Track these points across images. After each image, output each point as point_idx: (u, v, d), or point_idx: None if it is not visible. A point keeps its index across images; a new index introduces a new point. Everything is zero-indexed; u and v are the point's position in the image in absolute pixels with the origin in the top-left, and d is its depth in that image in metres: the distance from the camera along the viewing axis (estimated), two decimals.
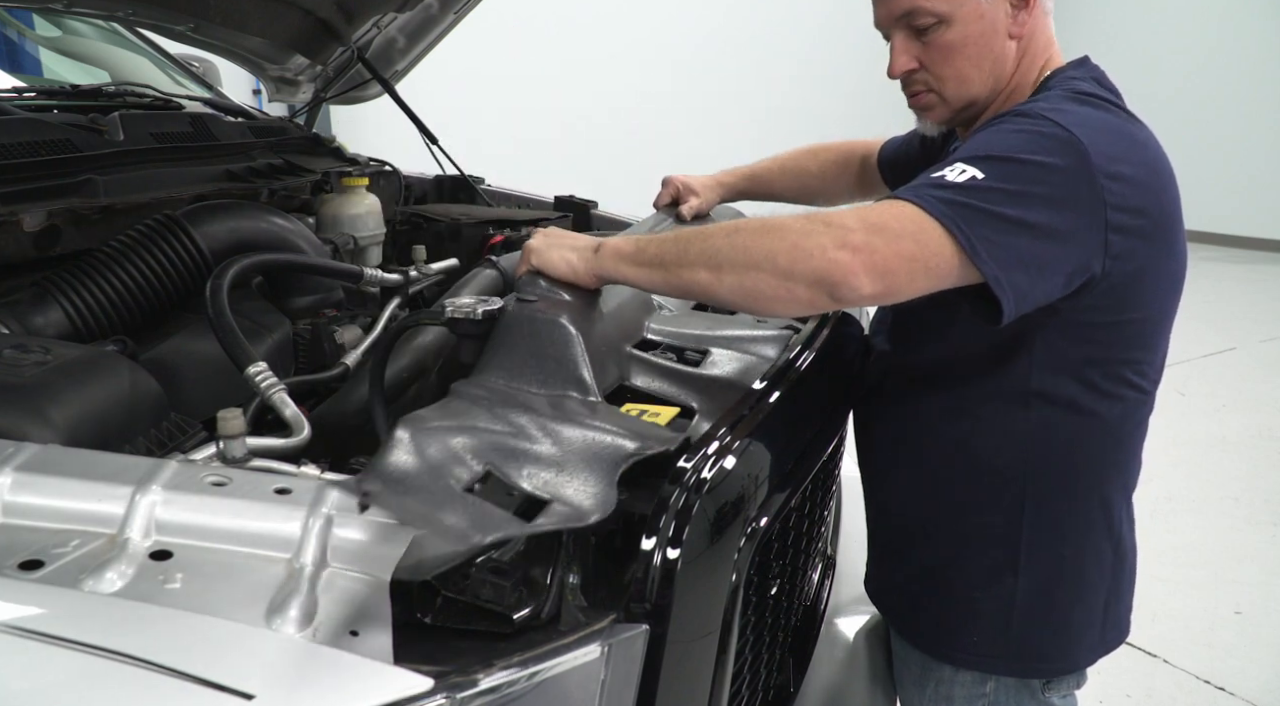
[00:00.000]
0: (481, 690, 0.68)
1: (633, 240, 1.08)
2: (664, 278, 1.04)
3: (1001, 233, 0.98)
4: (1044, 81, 1.20)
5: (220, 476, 0.82)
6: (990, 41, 1.18)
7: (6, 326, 1.20)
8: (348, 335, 1.49)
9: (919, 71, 1.22)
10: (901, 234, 0.97)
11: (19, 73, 2.25)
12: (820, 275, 0.95)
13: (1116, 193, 1.03)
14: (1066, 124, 1.04)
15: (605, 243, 1.09)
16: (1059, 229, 1.01)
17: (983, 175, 1.00)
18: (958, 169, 1.02)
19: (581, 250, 1.09)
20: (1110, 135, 1.07)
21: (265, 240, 1.51)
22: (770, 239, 0.98)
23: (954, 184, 1.00)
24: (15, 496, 0.78)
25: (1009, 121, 1.09)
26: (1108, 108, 1.13)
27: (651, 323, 1.24)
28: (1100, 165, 1.02)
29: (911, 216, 0.98)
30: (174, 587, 0.71)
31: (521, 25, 5.50)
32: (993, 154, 1.03)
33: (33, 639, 0.64)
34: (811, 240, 0.96)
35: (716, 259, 1.00)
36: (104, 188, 1.43)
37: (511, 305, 1.06)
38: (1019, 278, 0.99)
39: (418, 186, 2.44)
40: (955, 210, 0.98)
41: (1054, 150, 1.02)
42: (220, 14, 1.98)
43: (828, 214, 0.99)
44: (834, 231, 0.96)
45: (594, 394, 0.99)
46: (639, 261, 1.06)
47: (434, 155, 2.40)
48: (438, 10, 2.24)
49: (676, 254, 1.03)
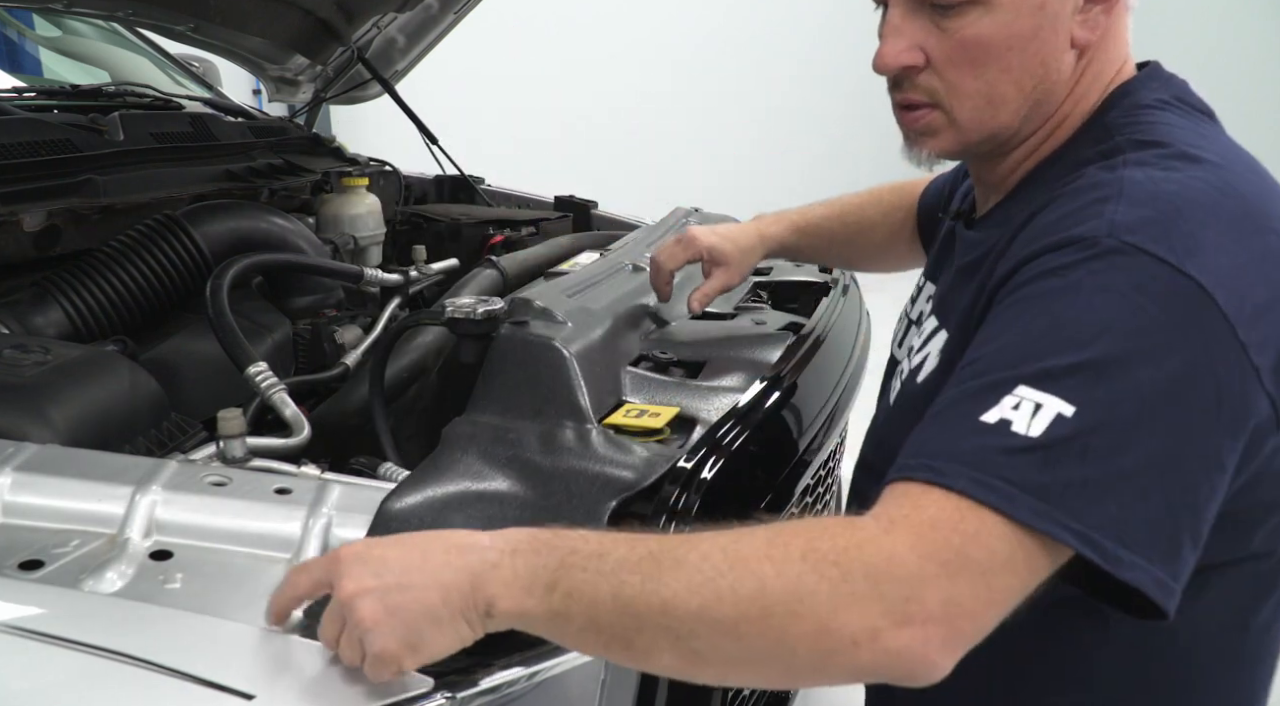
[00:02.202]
0: (481, 690, 0.68)
1: (533, 573, 0.64)
2: (605, 648, 0.64)
3: (1136, 504, 0.62)
4: (1107, 103, 0.82)
5: (220, 476, 0.82)
6: (1044, 48, 0.78)
7: (6, 326, 1.20)
8: (348, 335, 1.49)
9: (924, 72, 0.81)
10: (989, 567, 0.60)
11: (19, 73, 2.25)
12: (874, 672, 0.60)
13: (1258, 336, 0.66)
14: (1186, 262, 0.65)
15: (494, 601, 0.64)
16: (1208, 451, 0.65)
17: (1072, 407, 0.62)
18: (1021, 403, 0.63)
19: (458, 620, 0.64)
20: (1250, 251, 0.68)
21: (265, 240, 1.51)
22: (780, 607, 0.59)
23: (1030, 443, 0.62)
24: (15, 496, 0.78)
25: (1072, 255, 0.68)
26: (1214, 166, 0.73)
27: (648, 336, 1.24)
28: (1242, 325, 0.65)
29: (994, 532, 0.60)
30: (174, 587, 0.71)
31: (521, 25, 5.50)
32: (1073, 360, 0.64)
33: (33, 639, 0.64)
34: (851, 617, 0.58)
35: (686, 633, 0.60)
36: (104, 188, 1.43)
37: (504, 329, 1.06)
38: (1179, 557, 0.63)
39: (418, 186, 2.44)
40: (1058, 499, 0.61)
41: (1174, 324, 0.64)
42: (220, 14, 1.98)
43: (854, 542, 0.61)
44: (885, 593, 0.58)
45: (589, 421, 0.97)
46: (572, 623, 0.63)
47: (434, 155, 2.40)
48: (438, 10, 2.24)
49: (627, 622, 0.61)
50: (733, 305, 1.46)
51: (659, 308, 1.34)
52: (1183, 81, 0.85)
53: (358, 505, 0.81)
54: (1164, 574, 0.62)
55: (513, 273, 1.61)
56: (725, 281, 1.26)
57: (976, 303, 0.79)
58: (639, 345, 1.22)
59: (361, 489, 0.89)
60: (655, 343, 1.23)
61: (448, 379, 1.25)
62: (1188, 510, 0.64)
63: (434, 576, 0.64)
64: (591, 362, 1.04)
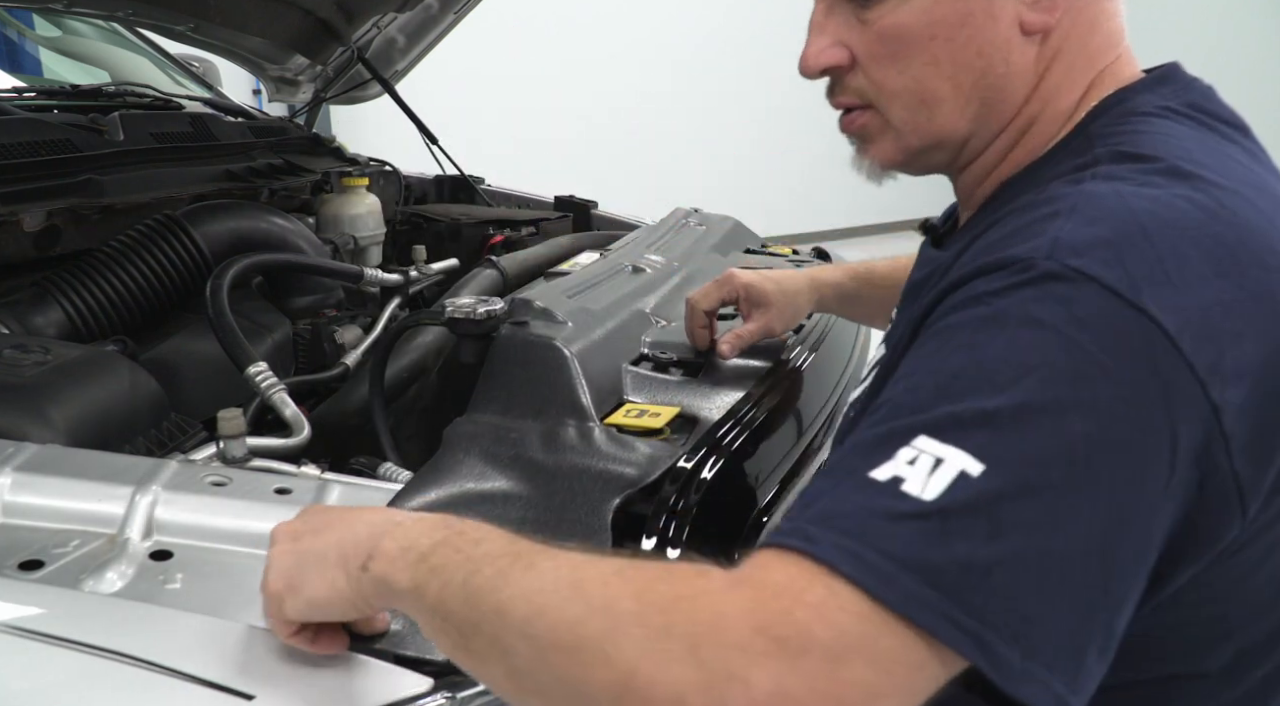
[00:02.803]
0: (482, 690, 0.68)
1: (417, 539, 0.60)
2: (451, 643, 0.57)
3: (1050, 598, 0.49)
4: (1097, 111, 0.70)
5: (220, 476, 0.82)
6: (979, 35, 0.68)
7: (6, 326, 1.20)
8: (348, 335, 1.49)
9: (850, 72, 0.73)
10: (837, 653, 0.46)
11: (19, 73, 2.25)
12: None
13: (1236, 397, 0.54)
14: (1144, 294, 0.53)
15: (375, 552, 0.61)
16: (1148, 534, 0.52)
17: (980, 465, 0.50)
18: (919, 457, 0.51)
19: (339, 569, 0.62)
20: (1237, 289, 0.56)
21: (265, 240, 1.51)
22: (592, 644, 0.49)
23: (921, 508, 0.49)
24: (15, 496, 0.78)
25: (1004, 279, 0.56)
26: (1208, 184, 0.60)
27: (648, 336, 1.24)
28: (1216, 382, 0.53)
29: (848, 609, 0.47)
30: (174, 587, 0.71)
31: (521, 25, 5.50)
32: (986, 406, 0.51)
33: (33, 639, 0.64)
34: (659, 678, 0.46)
35: (509, 647, 0.52)
36: (104, 188, 1.43)
37: (505, 330, 1.06)
38: (1083, 668, 0.50)
39: (418, 186, 2.44)
40: (948, 585, 0.48)
41: (1120, 370, 0.52)
42: (220, 14, 1.98)
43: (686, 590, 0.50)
44: (704, 661, 0.46)
45: (591, 419, 0.97)
46: (424, 606, 0.58)
47: (434, 155, 2.40)
48: (438, 10, 2.24)
49: (467, 613, 0.55)
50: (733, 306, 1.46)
51: (659, 308, 1.33)
52: (1206, 87, 0.71)
53: (358, 505, 0.81)
54: (1065, 689, 0.49)
55: (513, 273, 1.61)
56: (764, 326, 1.13)
57: (911, 326, 0.68)
58: (639, 345, 1.22)
59: (361, 489, 0.89)
60: (656, 342, 1.23)
61: (448, 379, 1.25)
62: (1109, 608, 0.51)
63: (346, 528, 0.63)
64: (592, 362, 1.04)
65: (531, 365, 1.01)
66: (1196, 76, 0.72)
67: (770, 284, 1.14)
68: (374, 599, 0.61)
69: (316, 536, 0.64)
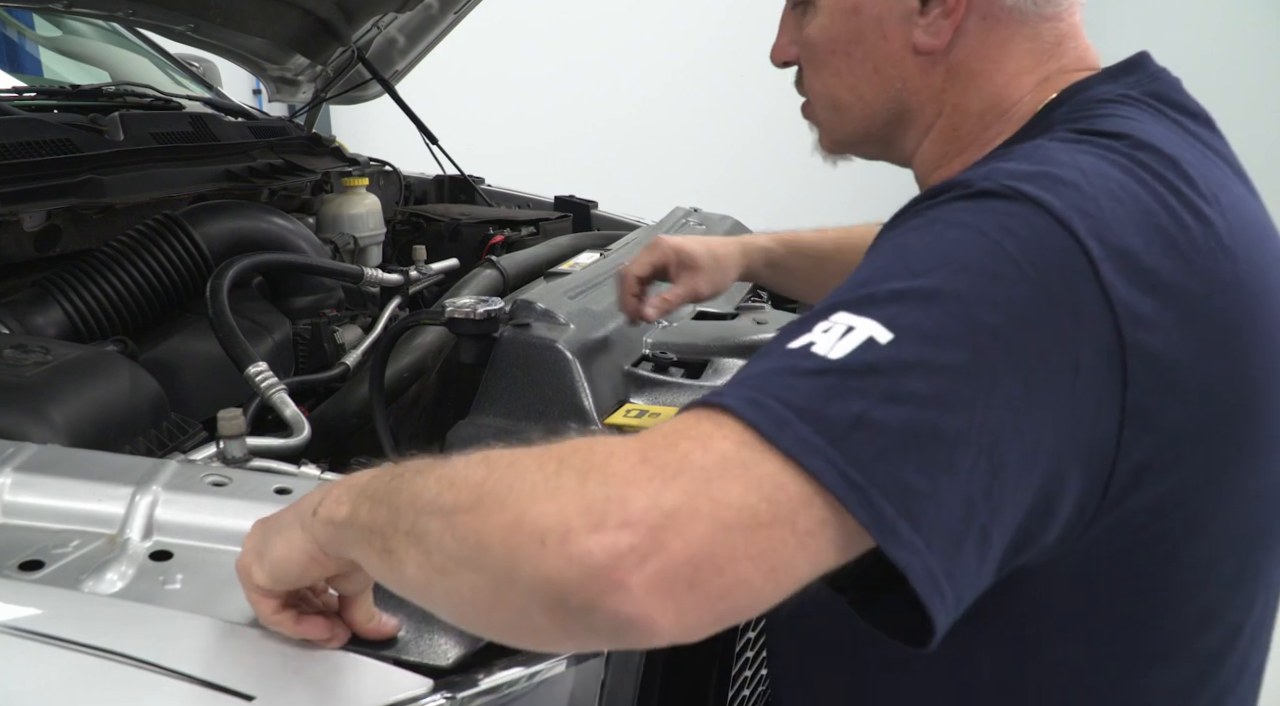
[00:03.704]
0: (481, 690, 0.68)
1: (360, 480, 0.60)
2: (376, 558, 0.55)
3: (939, 473, 0.49)
4: (1057, 101, 0.71)
5: (220, 476, 0.82)
6: (874, 53, 0.75)
7: (6, 326, 1.20)
8: (348, 335, 1.49)
9: (800, 69, 0.83)
10: (714, 474, 0.46)
11: (19, 73, 2.25)
12: (560, 589, 0.45)
13: (1147, 338, 0.55)
14: (1074, 217, 0.55)
15: (322, 500, 0.61)
16: (1035, 418, 0.52)
17: (888, 334, 0.51)
18: (833, 327, 0.52)
19: (294, 525, 0.62)
20: (1167, 241, 0.57)
21: (265, 240, 1.51)
22: (491, 496, 0.49)
23: (825, 364, 0.50)
24: (15, 496, 0.78)
25: (944, 197, 0.60)
26: (1168, 159, 0.61)
27: (650, 337, 1.24)
28: (1114, 274, 0.55)
29: (732, 439, 0.48)
30: (174, 587, 0.71)
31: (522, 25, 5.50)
32: (901, 285, 0.53)
33: (33, 639, 0.64)
34: (547, 508, 0.47)
35: (421, 530, 0.52)
36: (104, 187, 1.43)
37: (507, 332, 1.06)
38: (960, 558, 0.50)
39: (418, 186, 2.44)
40: (840, 437, 0.48)
41: (1039, 278, 0.53)
42: (220, 14, 1.98)
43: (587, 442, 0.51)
44: (588, 491, 0.46)
45: (594, 422, 0.98)
46: (356, 526, 0.57)
47: (434, 155, 2.40)
48: (438, 10, 2.24)
49: (388, 516, 0.55)
50: (733, 305, 1.46)
51: None
52: (1173, 79, 0.72)
53: None
54: (939, 568, 0.48)
55: (513, 273, 1.61)
56: (691, 289, 1.11)
57: None
58: (641, 346, 1.22)
59: None
60: (657, 343, 1.23)
61: (448, 379, 1.25)
62: (989, 509, 0.50)
63: (305, 499, 0.63)
64: (594, 364, 1.04)
65: (534, 367, 1.01)
66: (1164, 67, 0.74)
67: (700, 247, 1.12)
68: (326, 544, 0.60)
69: (275, 518, 0.65)
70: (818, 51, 0.78)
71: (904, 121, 0.78)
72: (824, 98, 0.80)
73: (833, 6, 0.76)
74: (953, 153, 0.77)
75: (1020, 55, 0.73)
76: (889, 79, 0.76)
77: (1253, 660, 0.73)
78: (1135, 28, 0.93)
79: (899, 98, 0.76)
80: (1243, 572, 0.67)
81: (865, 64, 0.76)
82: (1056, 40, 0.74)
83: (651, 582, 0.44)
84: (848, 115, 0.79)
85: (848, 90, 0.78)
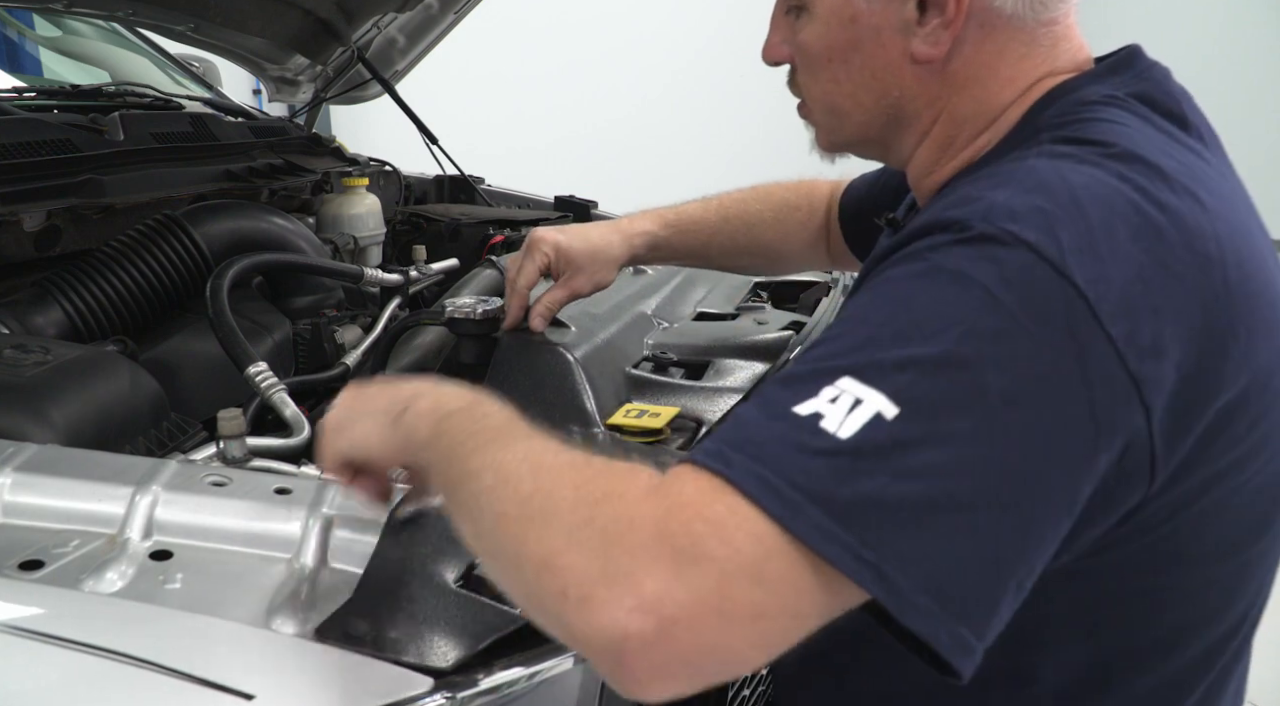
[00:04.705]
0: (481, 690, 0.68)
1: (444, 402, 0.67)
2: (445, 496, 0.64)
3: (955, 540, 0.51)
4: (1044, 102, 0.72)
5: (220, 476, 0.82)
6: (872, 62, 0.74)
7: (6, 326, 1.20)
8: (348, 335, 1.49)
9: (793, 69, 0.82)
10: (729, 569, 0.49)
11: (19, 73, 2.25)
12: (576, 637, 0.51)
13: (1154, 367, 0.56)
14: (1069, 262, 0.55)
15: (411, 406, 0.68)
16: (1063, 490, 0.55)
17: (895, 408, 0.52)
18: (840, 396, 0.53)
19: (383, 416, 0.70)
20: (1161, 267, 0.58)
21: (265, 240, 1.51)
22: (531, 522, 0.54)
23: (836, 445, 0.51)
24: (15, 496, 0.78)
25: (939, 239, 0.60)
26: (1154, 169, 0.62)
27: (650, 338, 1.24)
28: (1133, 354, 0.55)
29: (747, 529, 0.50)
30: (174, 587, 0.71)
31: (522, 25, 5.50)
32: (908, 354, 0.54)
33: (33, 639, 0.64)
34: (573, 563, 0.51)
35: (476, 509, 0.58)
36: (104, 187, 1.43)
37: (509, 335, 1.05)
38: (995, 614, 0.52)
39: (418, 186, 2.44)
40: (852, 518, 0.50)
41: (1041, 332, 0.54)
42: (220, 14, 1.98)
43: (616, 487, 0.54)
44: (610, 558, 0.50)
45: (596, 424, 0.98)
46: (429, 453, 0.65)
47: (434, 155, 2.40)
48: (438, 10, 2.24)
49: (451, 474, 0.62)
50: (734, 305, 1.46)
51: (661, 309, 1.33)
52: (1161, 74, 0.73)
53: (358, 505, 0.81)
54: (966, 631, 0.51)
55: None
56: (570, 289, 1.08)
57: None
58: (642, 347, 1.23)
59: None
60: (658, 344, 1.23)
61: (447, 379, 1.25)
62: (1021, 558, 0.53)
63: (395, 390, 0.71)
64: (596, 366, 1.04)
65: (537, 371, 1.01)
66: (1155, 61, 0.74)
67: (579, 243, 1.09)
68: (403, 446, 0.68)
69: (371, 398, 0.73)
70: (814, 58, 0.77)
71: (901, 127, 0.78)
72: (822, 103, 0.80)
73: (829, 14, 0.75)
74: (945, 159, 0.78)
75: (1016, 61, 0.73)
76: (886, 87, 0.75)
77: (1244, 653, 0.76)
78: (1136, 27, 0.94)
79: (896, 105, 0.76)
80: (1245, 566, 0.70)
81: (863, 72, 0.75)
82: (1052, 43, 0.73)
83: (654, 667, 0.49)
84: (846, 120, 0.79)
85: (846, 97, 0.77)
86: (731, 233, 1.15)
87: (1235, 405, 0.61)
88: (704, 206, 1.17)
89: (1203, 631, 0.70)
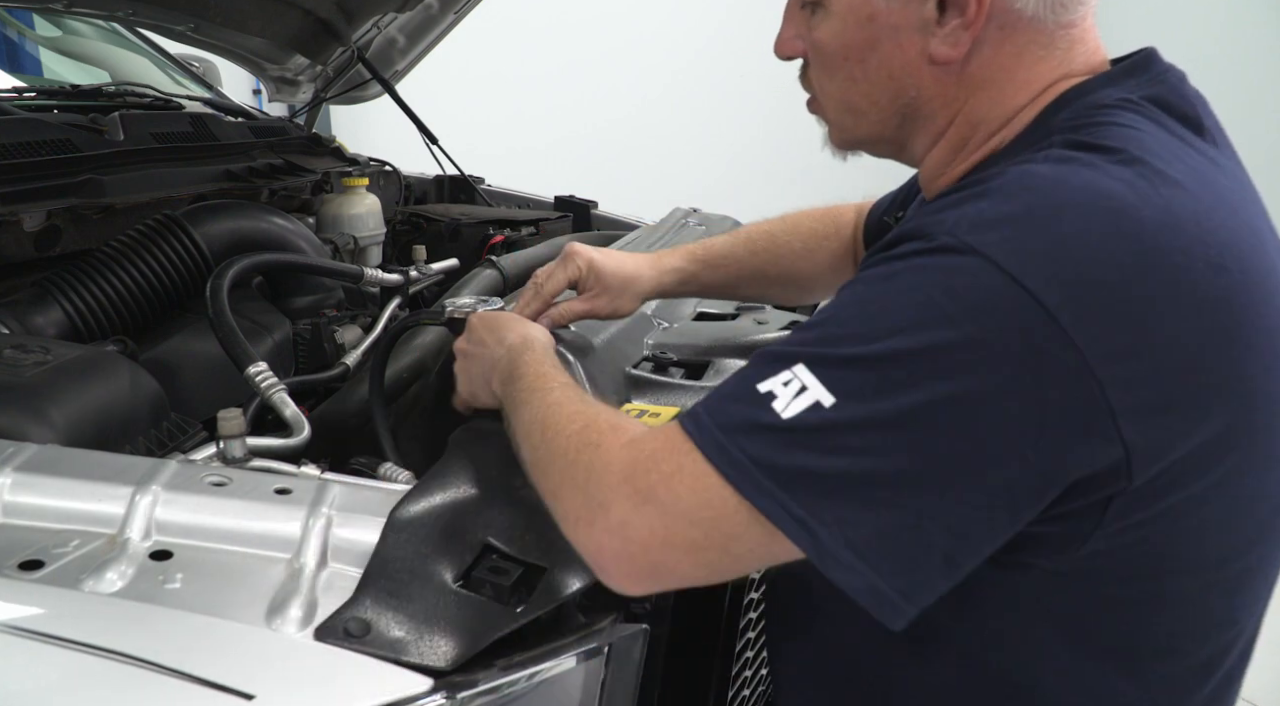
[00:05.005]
0: (481, 690, 0.68)
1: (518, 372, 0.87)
2: (515, 427, 0.83)
3: (880, 511, 0.59)
4: (1058, 105, 0.71)
5: (220, 476, 0.82)
6: (890, 61, 0.74)
7: (6, 326, 1.20)
8: (348, 335, 1.49)
9: (806, 65, 0.82)
10: (674, 510, 0.63)
11: (19, 73, 2.25)
12: (581, 551, 0.69)
13: (1125, 369, 0.58)
14: (1029, 273, 0.57)
15: (499, 366, 0.91)
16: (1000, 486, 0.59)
17: (831, 398, 0.60)
18: (792, 381, 0.61)
19: (490, 382, 0.93)
20: (1146, 277, 0.59)
21: (265, 240, 1.51)
22: (553, 461, 0.73)
23: (777, 423, 0.60)
24: (15, 496, 0.78)
25: (909, 247, 0.64)
26: (1157, 173, 0.62)
27: (650, 338, 1.24)
28: (1100, 359, 0.57)
29: (694, 484, 0.62)
30: (174, 587, 0.71)
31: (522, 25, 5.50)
32: (852, 352, 0.61)
33: (33, 639, 0.64)
34: (567, 498, 0.70)
35: (525, 440, 0.79)
36: (104, 187, 1.43)
37: None
38: (921, 576, 0.60)
39: (418, 186, 2.44)
40: (788, 483, 0.60)
41: (989, 343, 0.58)
42: (220, 14, 1.98)
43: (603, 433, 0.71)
44: (589, 493, 0.67)
45: None
46: (510, 398, 0.86)
47: (434, 155, 2.40)
48: (438, 10, 2.24)
49: (515, 400, 0.84)
50: (734, 305, 1.46)
51: (661, 310, 1.33)
52: (1177, 78, 0.72)
53: (358, 505, 0.81)
54: (885, 585, 0.59)
55: (513, 273, 1.61)
56: (589, 308, 1.09)
57: None
58: (642, 347, 1.22)
59: (361, 489, 0.89)
60: (658, 344, 1.23)
61: (448, 379, 1.25)
62: (947, 533, 0.59)
63: (491, 354, 0.94)
64: (596, 366, 1.04)
65: None
66: (1171, 64, 0.74)
67: (614, 266, 1.09)
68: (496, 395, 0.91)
69: (474, 359, 0.97)
70: (830, 56, 0.76)
71: (916, 127, 0.78)
72: (837, 101, 0.79)
73: (846, 12, 0.74)
74: (959, 161, 0.77)
75: (1033, 63, 0.73)
76: (903, 87, 0.75)
77: (1246, 658, 0.76)
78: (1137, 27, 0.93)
79: (912, 105, 0.76)
80: (1246, 574, 0.70)
81: (879, 72, 0.75)
82: (1069, 46, 0.73)
83: (623, 571, 0.66)
84: (860, 119, 0.79)
85: (861, 96, 0.77)
86: (760, 265, 1.16)
87: (1234, 410, 0.62)
88: (732, 241, 1.17)
89: (1202, 638, 0.70)
